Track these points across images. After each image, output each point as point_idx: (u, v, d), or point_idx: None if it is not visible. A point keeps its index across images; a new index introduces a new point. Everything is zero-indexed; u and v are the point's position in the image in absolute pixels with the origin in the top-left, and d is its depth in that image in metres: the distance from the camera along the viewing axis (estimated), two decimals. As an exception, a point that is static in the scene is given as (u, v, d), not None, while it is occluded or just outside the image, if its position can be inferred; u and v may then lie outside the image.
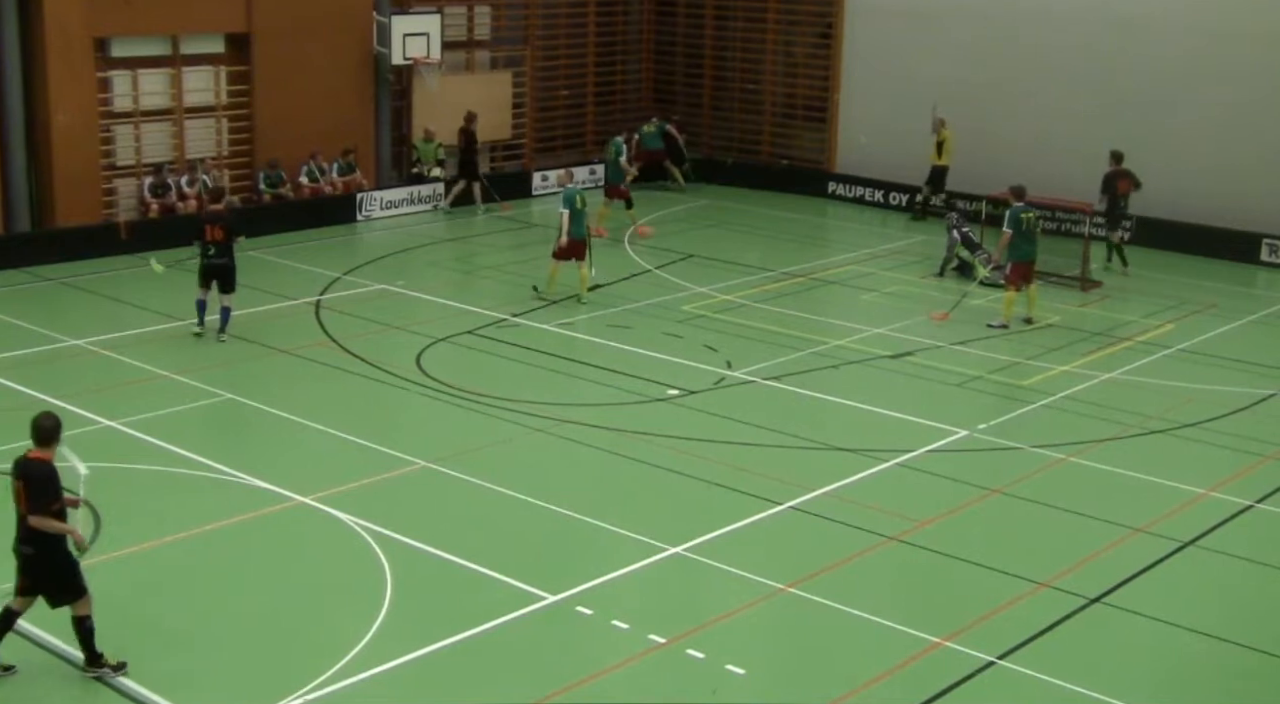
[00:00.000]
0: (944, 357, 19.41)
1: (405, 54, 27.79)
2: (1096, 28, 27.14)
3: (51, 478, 10.37)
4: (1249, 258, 25.39)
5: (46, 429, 10.50)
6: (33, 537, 10.36)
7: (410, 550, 12.99)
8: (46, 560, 10.43)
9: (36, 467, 10.38)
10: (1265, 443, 16.48)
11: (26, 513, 10.32)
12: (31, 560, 10.43)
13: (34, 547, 10.39)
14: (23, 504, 10.35)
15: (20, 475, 10.41)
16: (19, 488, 10.38)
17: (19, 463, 10.49)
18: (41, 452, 10.46)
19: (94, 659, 10.69)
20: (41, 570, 10.44)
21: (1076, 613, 12.25)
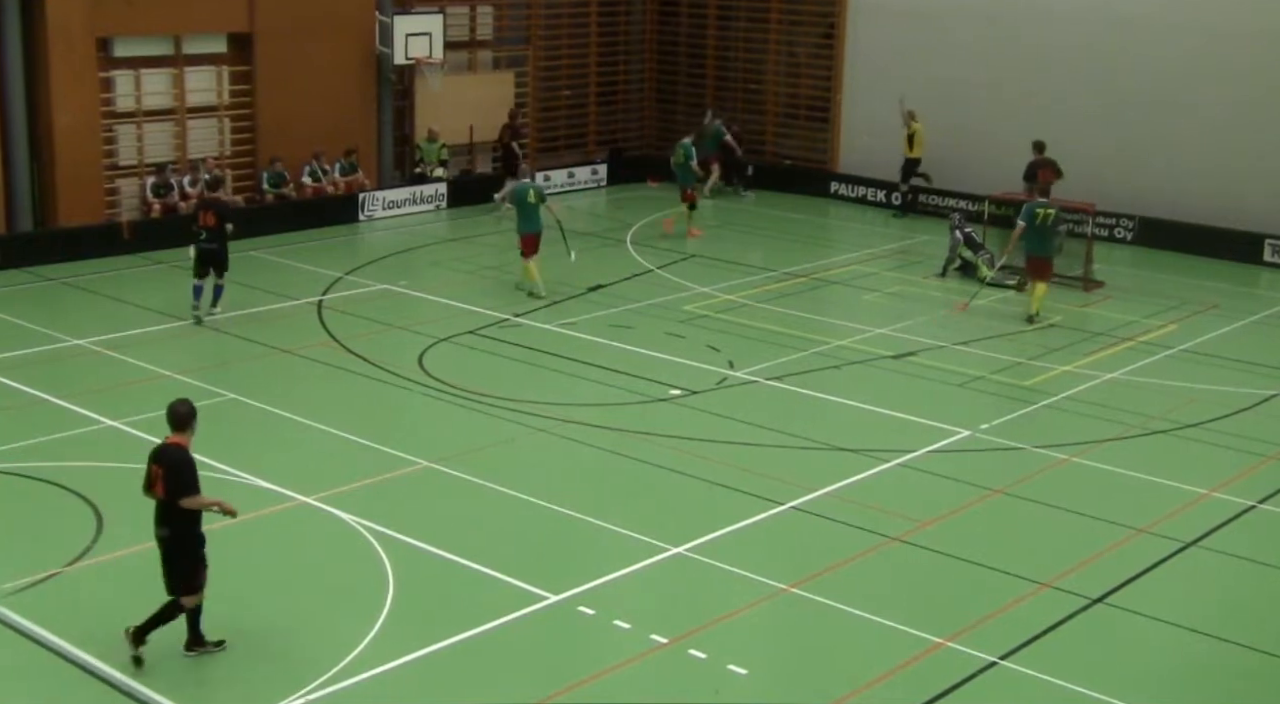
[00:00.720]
0: (946, 357, 19.40)
1: (408, 54, 27.81)
2: (1098, 27, 27.12)
3: (189, 462, 10.68)
4: (1252, 258, 25.36)
5: (182, 415, 10.82)
6: (169, 520, 10.69)
7: (412, 550, 12.99)
8: (177, 546, 10.74)
9: (175, 452, 10.70)
10: (1267, 443, 16.47)
11: (167, 497, 10.62)
12: (163, 543, 10.76)
13: (170, 529, 10.71)
14: (159, 489, 10.63)
15: (159, 461, 10.70)
16: (157, 472, 10.66)
17: (157, 450, 10.79)
18: (178, 437, 10.79)
19: (196, 640, 11.00)
20: (170, 558, 10.77)
21: (1079, 613, 12.24)
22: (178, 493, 10.60)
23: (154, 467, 10.74)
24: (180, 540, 10.75)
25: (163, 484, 10.63)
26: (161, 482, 10.63)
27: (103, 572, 12.51)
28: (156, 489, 10.70)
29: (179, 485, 10.59)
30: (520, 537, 13.51)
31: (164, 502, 10.69)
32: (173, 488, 10.60)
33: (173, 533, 10.71)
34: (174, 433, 10.84)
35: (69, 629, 11.11)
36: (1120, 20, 26.86)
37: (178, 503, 10.65)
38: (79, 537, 13.07)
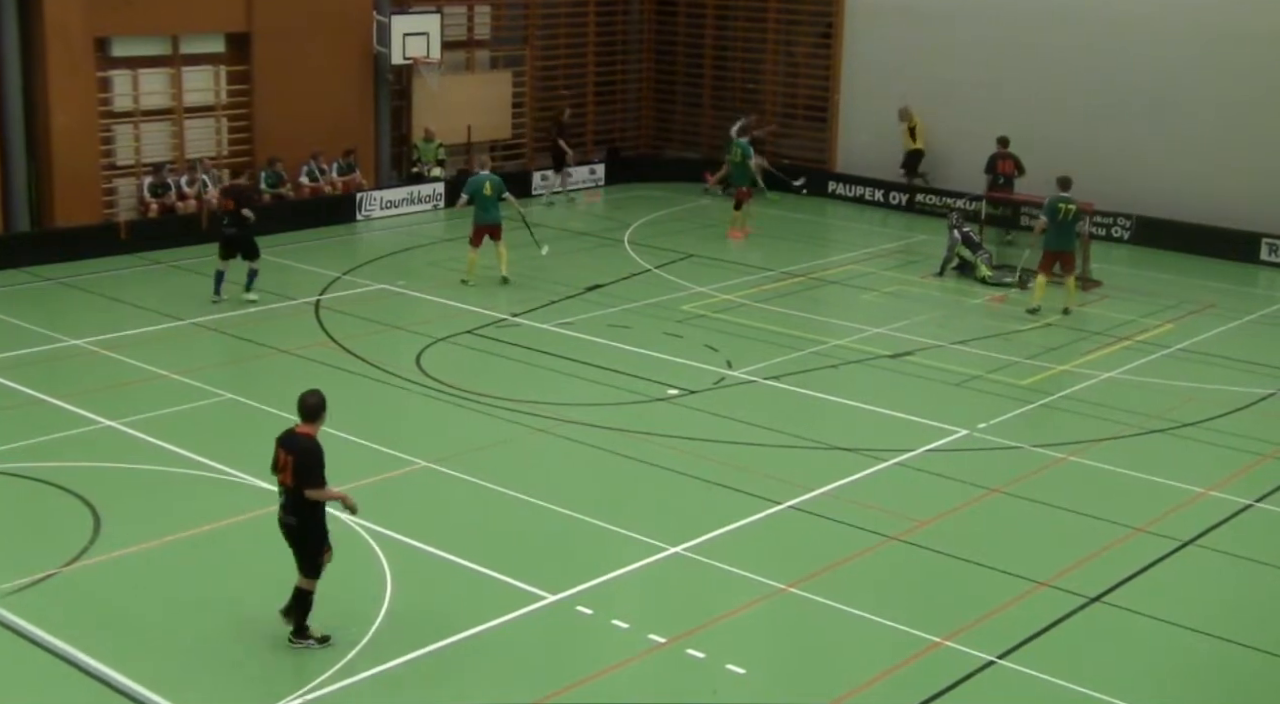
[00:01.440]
0: (944, 356, 19.41)
1: (405, 54, 27.80)
2: (1097, 27, 27.13)
3: (318, 453, 10.93)
4: (1249, 257, 25.38)
5: (312, 406, 11.08)
6: (297, 508, 10.94)
7: (410, 550, 13.00)
8: (304, 532, 11.03)
9: (305, 441, 10.96)
10: (1265, 442, 16.48)
11: (294, 485, 10.88)
12: (291, 531, 11.05)
13: (298, 517, 10.99)
14: (288, 477, 10.90)
15: (290, 449, 10.96)
16: (287, 461, 10.94)
17: (287, 437, 11.08)
18: (307, 427, 11.05)
19: (300, 632, 11.23)
20: (299, 541, 11.05)
21: (1076, 612, 12.26)
22: (305, 483, 10.88)
23: (282, 452, 11.04)
24: (305, 527, 11.04)
25: (291, 473, 10.92)
26: (290, 470, 10.93)
27: (101, 572, 12.51)
28: (284, 477, 10.99)
29: (307, 476, 10.87)
30: (518, 536, 13.52)
31: (290, 489, 10.98)
32: (301, 478, 10.88)
33: (300, 520, 11.01)
34: (304, 423, 11.10)
35: (67, 630, 11.11)
36: (1118, 21, 26.87)
37: (303, 492, 10.91)
38: (76, 537, 13.06)
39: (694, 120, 33.64)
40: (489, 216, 22.31)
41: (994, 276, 23.31)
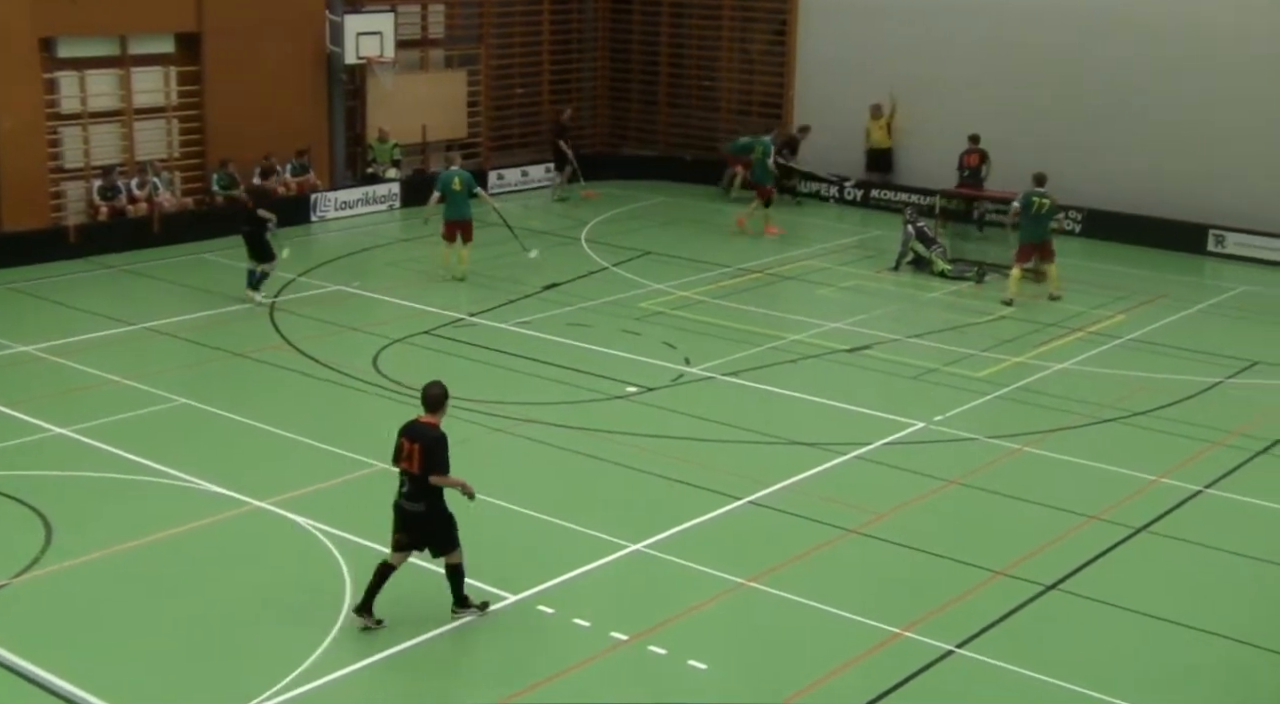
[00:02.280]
0: (900, 350, 19.53)
1: (359, 53, 27.68)
2: (1050, 23, 27.30)
3: (444, 441, 11.36)
4: (1196, 248, 25.64)
5: (436, 397, 11.56)
6: (424, 494, 11.34)
7: (369, 553, 12.92)
8: (434, 516, 11.45)
9: (431, 430, 11.38)
10: (1214, 429, 16.67)
11: (420, 473, 11.28)
12: (419, 517, 11.40)
13: (425, 503, 11.39)
14: (416, 465, 11.28)
15: (415, 438, 11.33)
16: (412, 449, 11.31)
17: (411, 427, 11.46)
18: (431, 417, 11.47)
19: (462, 602, 11.73)
20: (428, 525, 11.45)
21: (1033, 600, 12.37)
22: (432, 470, 11.28)
23: (406, 442, 11.39)
24: (432, 510, 11.44)
25: (418, 461, 11.29)
26: (417, 459, 11.29)
27: (53, 582, 12.39)
28: (410, 464, 11.34)
29: (433, 463, 11.27)
30: (478, 537, 13.43)
31: (416, 477, 11.32)
32: (428, 465, 11.27)
33: (427, 505, 11.39)
34: (428, 413, 11.50)
35: (17, 642, 11.01)
36: (1070, 17, 27.07)
37: (429, 479, 11.28)
38: (28, 547, 12.92)
39: (650, 118, 33.65)
40: (458, 212, 22.50)
41: (952, 270, 23.45)
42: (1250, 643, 11.75)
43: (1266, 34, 25.16)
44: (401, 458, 11.45)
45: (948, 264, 23.53)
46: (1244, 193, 25.43)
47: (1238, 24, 25.42)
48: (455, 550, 11.63)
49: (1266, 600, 12.68)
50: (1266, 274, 24.50)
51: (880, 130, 29.25)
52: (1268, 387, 18.35)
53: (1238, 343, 20.26)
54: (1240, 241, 25.38)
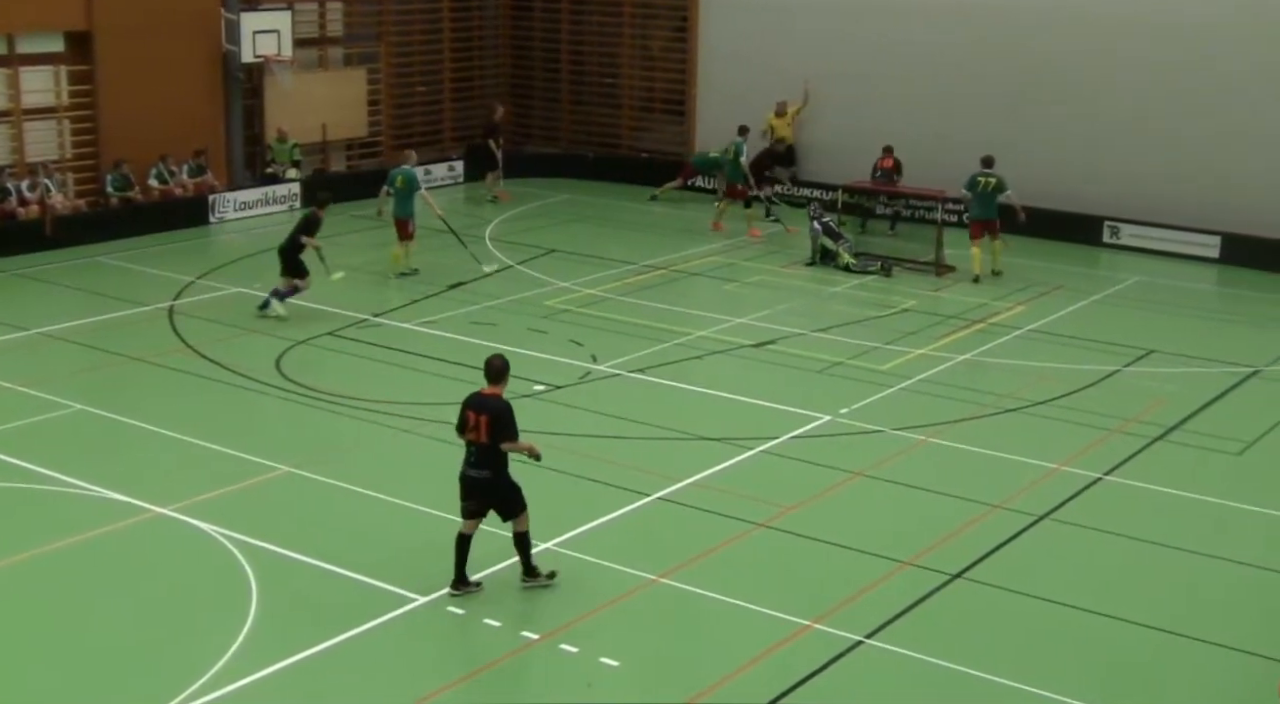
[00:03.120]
0: (806, 344, 19.68)
1: (256, 52, 27.34)
2: (944, 20, 27.66)
3: (510, 409, 12.00)
4: (1091, 240, 26.14)
5: (498, 368, 12.15)
6: (491, 462, 11.92)
7: (276, 558, 12.81)
8: (500, 482, 12.02)
9: (496, 401, 11.99)
10: (1111, 417, 16.99)
11: (489, 442, 11.84)
12: (485, 484, 11.98)
13: (491, 470, 11.96)
14: (484, 435, 11.83)
15: (482, 410, 11.91)
16: (479, 420, 11.88)
17: (476, 399, 12.03)
18: (494, 388, 12.05)
19: (530, 571, 12.27)
20: (495, 492, 12.02)
21: (940, 589, 12.53)
22: (501, 438, 11.85)
23: (472, 413, 11.95)
24: (499, 477, 12.02)
25: (487, 430, 11.85)
26: (486, 428, 11.85)
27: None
28: (477, 434, 11.89)
29: (502, 431, 11.86)
30: (387, 539, 13.41)
31: (485, 446, 11.88)
32: (497, 433, 11.84)
33: (494, 472, 11.96)
34: (491, 385, 12.08)
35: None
36: (966, 13, 27.44)
37: (498, 447, 11.85)
38: (-74, 557, 12.65)
39: (553, 116, 33.61)
40: (399, 210, 22.72)
41: (858, 264, 23.67)
42: (1149, 625, 12.00)
43: (1153, 30, 25.68)
44: (467, 429, 11.95)
45: (853, 257, 23.77)
46: (1137, 185, 25.95)
47: (1130, 21, 25.91)
48: (522, 516, 12.15)
49: (1164, 584, 12.96)
50: (1160, 264, 25.02)
51: (785, 126, 29.17)
52: (1163, 374, 18.75)
53: (1134, 332, 20.68)
54: (1134, 233, 25.92)
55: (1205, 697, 11.03)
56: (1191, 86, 25.43)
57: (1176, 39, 25.50)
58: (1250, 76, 24.85)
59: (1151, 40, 25.70)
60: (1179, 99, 25.55)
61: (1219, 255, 25.11)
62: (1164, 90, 25.68)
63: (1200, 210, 25.34)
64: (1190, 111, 25.47)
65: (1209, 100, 25.29)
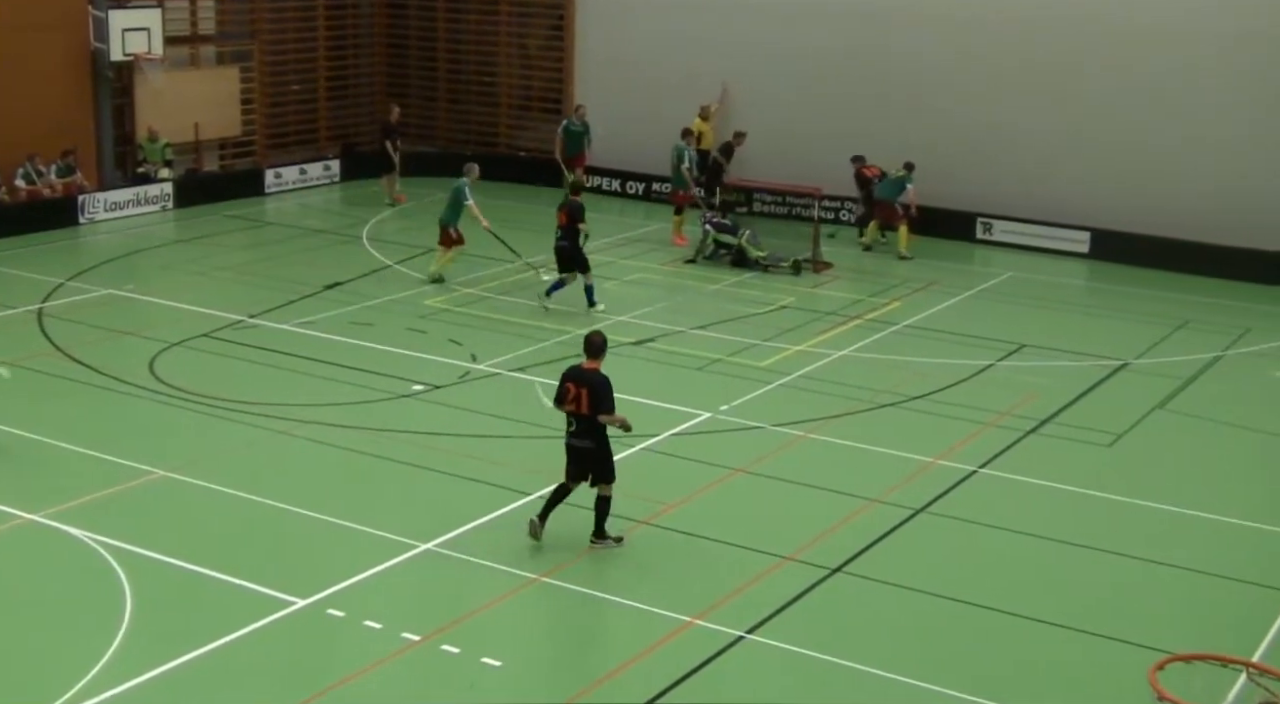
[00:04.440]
0: (685, 341, 19.79)
1: (125, 50, 26.79)
2: (818, 21, 27.91)
3: (609, 383, 12.85)
4: (965, 236, 26.62)
5: (598, 344, 13.04)
6: (591, 432, 12.80)
7: (151, 563, 12.58)
8: (600, 452, 12.90)
9: (595, 375, 12.83)
10: (985, 410, 17.33)
11: (589, 413, 12.70)
12: (586, 452, 12.89)
13: (591, 439, 12.83)
14: (584, 406, 12.70)
15: (582, 383, 12.77)
16: (579, 393, 12.73)
17: (576, 373, 12.91)
18: (593, 362, 12.92)
19: (600, 533, 13.09)
20: (595, 459, 12.89)
21: (819, 583, 12.69)
22: (598, 410, 12.70)
23: (573, 386, 12.81)
24: (599, 446, 12.88)
25: (587, 402, 12.69)
26: (585, 400, 12.69)
27: None
28: (576, 406, 12.75)
29: (600, 404, 12.71)
30: (264, 542, 13.24)
31: (584, 417, 12.73)
32: (595, 405, 12.68)
33: (594, 442, 12.84)
34: (590, 359, 12.95)
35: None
36: (835, 14, 27.73)
37: (596, 418, 12.69)
38: None
39: (430, 114, 33.40)
40: (443, 216, 22.53)
41: (767, 258, 23.75)
42: (1024, 616, 12.26)
43: (1020, 30, 26.21)
44: (567, 401, 12.81)
45: (761, 251, 23.83)
46: (1009, 182, 26.48)
47: (993, 21, 26.42)
48: (610, 484, 13.02)
49: (1039, 575, 13.24)
50: (1031, 260, 25.56)
51: (711, 131, 28.32)
52: (1035, 368, 19.17)
53: (1006, 326, 21.11)
54: (1006, 229, 26.44)
55: (1079, 685, 11.28)
56: (1056, 85, 25.99)
57: (1043, 38, 26.03)
58: (1111, 75, 25.47)
59: (1019, 39, 26.21)
60: (1047, 97, 26.10)
61: (1088, 250, 25.71)
62: (1032, 89, 26.22)
63: (1070, 206, 25.94)
64: (1057, 110, 26.02)
65: (1075, 99, 25.86)
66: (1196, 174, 24.92)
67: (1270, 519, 14.39)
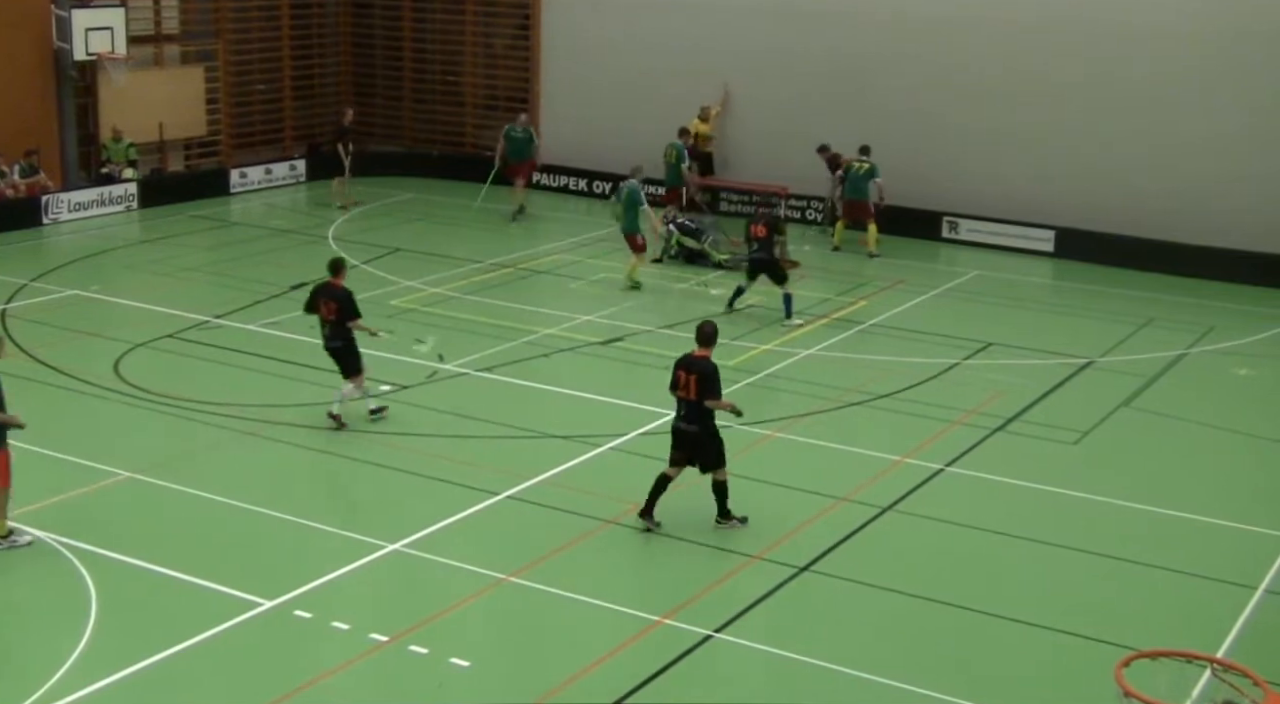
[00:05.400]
0: (652, 341, 19.79)
1: (88, 49, 26.61)
2: (788, 20, 27.98)
3: (717, 370, 13.35)
4: (931, 235, 26.71)
5: (709, 333, 13.50)
6: (699, 417, 13.26)
7: (116, 565, 12.51)
8: (707, 436, 13.36)
9: (704, 363, 13.33)
10: (951, 409, 17.41)
11: (697, 399, 13.14)
12: (694, 436, 13.35)
13: (699, 425, 13.30)
14: (693, 392, 13.16)
15: (691, 370, 13.24)
16: (689, 379, 13.21)
17: (687, 360, 13.37)
18: (704, 351, 13.38)
19: (725, 514, 13.62)
20: (701, 445, 13.38)
21: (787, 582, 12.72)
22: (706, 396, 13.14)
23: (684, 373, 13.28)
24: (708, 431, 13.35)
25: (695, 389, 13.15)
26: (694, 386, 13.16)
27: None
28: (686, 392, 13.22)
29: (708, 390, 13.17)
30: (231, 543, 13.18)
31: (693, 402, 13.20)
32: (704, 391, 13.15)
33: (701, 427, 13.30)
34: (701, 347, 13.38)
35: None
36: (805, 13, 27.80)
37: (704, 404, 13.13)
38: None
39: (395, 114, 33.32)
40: (624, 224, 22.49)
41: (730, 260, 23.74)
42: (992, 613, 12.32)
43: (987, 30, 26.34)
44: (679, 387, 13.26)
45: (724, 254, 23.79)
46: (974, 181, 26.59)
47: (959, 22, 26.53)
48: (722, 469, 13.48)
49: (1007, 572, 13.31)
50: (997, 258, 25.68)
51: (709, 131, 28.16)
52: (1002, 367, 19.26)
53: (973, 325, 21.20)
54: (972, 228, 26.56)
55: (1045, 681, 11.35)
56: (1021, 85, 26.11)
57: (1008, 40, 26.15)
58: (1075, 74, 25.60)
59: (984, 41, 26.33)
60: (1012, 98, 26.21)
61: (1053, 249, 25.85)
62: (997, 89, 26.31)
63: (1035, 205, 26.07)
64: (1023, 110, 26.14)
65: (1039, 99, 25.98)
66: (1160, 173, 25.07)
67: (1235, 516, 14.50)
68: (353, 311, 15.99)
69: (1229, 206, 24.56)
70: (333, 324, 16.02)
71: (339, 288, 16.05)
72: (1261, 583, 12.98)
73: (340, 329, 15.99)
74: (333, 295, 16.00)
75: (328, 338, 16.16)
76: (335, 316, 15.98)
